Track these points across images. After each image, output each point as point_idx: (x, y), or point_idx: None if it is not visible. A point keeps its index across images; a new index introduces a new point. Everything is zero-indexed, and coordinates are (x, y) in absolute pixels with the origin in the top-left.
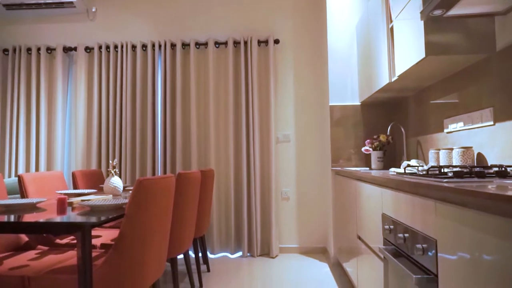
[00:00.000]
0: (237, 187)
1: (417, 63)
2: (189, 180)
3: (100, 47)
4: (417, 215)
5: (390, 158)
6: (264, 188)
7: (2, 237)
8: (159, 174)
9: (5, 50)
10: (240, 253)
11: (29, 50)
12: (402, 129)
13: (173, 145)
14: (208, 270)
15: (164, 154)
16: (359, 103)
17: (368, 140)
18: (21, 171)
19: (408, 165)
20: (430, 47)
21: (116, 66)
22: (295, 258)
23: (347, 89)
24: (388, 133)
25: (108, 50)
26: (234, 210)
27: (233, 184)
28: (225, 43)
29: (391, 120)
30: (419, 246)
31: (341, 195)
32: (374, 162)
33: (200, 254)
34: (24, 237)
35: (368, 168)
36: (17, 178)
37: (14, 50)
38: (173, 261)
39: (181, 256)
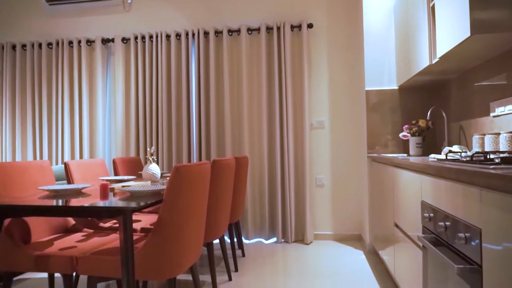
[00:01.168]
0: (271, 174)
1: (460, 43)
2: (224, 167)
3: (136, 38)
4: (459, 203)
5: (430, 144)
6: (298, 175)
7: (53, 220)
8: (195, 161)
9: (49, 44)
10: (274, 239)
11: (70, 43)
12: (443, 114)
13: (207, 132)
14: (243, 255)
15: (199, 142)
16: (397, 87)
17: (406, 126)
18: (66, 158)
19: (450, 151)
20: (475, 25)
21: (152, 56)
22: (329, 245)
23: (383, 73)
24: (428, 118)
25: (143, 40)
26: (268, 197)
27: (267, 171)
28: (258, 29)
29: (431, 105)
30: (461, 235)
31: (377, 182)
32: (412, 148)
33: (235, 240)
34: (71, 220)
35: (406, 155)
36: (63, 166)
37: (57, 43)
38: (209, 245)
39: (216, 241)
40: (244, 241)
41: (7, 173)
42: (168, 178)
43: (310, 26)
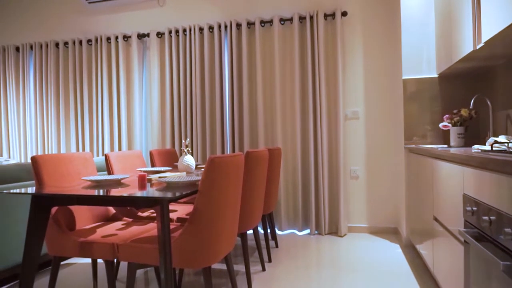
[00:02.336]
0: (304, 166)
1: (509, 26)
2: (257, 158)
3: (170, 32)
4: (506, 196)
5: (473, 135)
6: (332, 167)
7: (95, 209)
8: (228, 153)
9: (89, 41)
10: (307, 231)
11: (108, 39)
12: (489, 102)
13: (240, 124)
14: (277, 246)
15: (232, 133)
16: (437, 75)
17: (447, 115)
18: (106, 150)
19: (496, 142)
20: None
21: (185, 49)
22: (364, 238)
23: (422, 61)
24: (471, 107)
25: (177, 34)
26: (301, 188)
27: (300, 162)
28: (291, 19)
29: (474, 93)
30: (508, 230)
31: (415, 174)
32: (453, 139)
33: (268, 231)
34: (112, 210)
35: (446, 146)
36: (104, 157)
37: (96, 40)
38: (243, 236)
39: (250, 232)
40: (277, 232)
41: (54, 164)
42: (202, 169)
43: (344, 14)
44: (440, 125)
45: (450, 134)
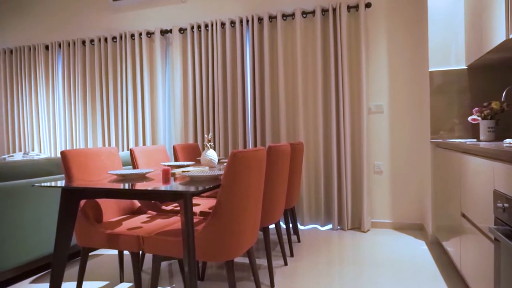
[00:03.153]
0: (326, 160)
1: None
2: (279, 153)
3: (192, 28)
4: None
5: (505, 128)
6: (355, 161)
7: (121, 202)
8: (250, 147)
9: (114, 38)
10: (330, 226)
11: (132, 36)
12: None
13: (262, 119)
14: (299, 241)
15: (254, 128)
16: (465, 67)
17: (476, 109)
18: (131, 145)
19: None
20: None
21: (207, 45)
22: (388, 234)
23: (450, 53)
24: (502, 99)
25: (199, 29)
26: (324, 183)
27: (323, 157)
28: (313, 12)
29: (506, 85)
30: None
31: (441, 169)
32: (483, 133)
33: (290, 225)
34: (137, 203)
35: (475, 140)
36: (129, 152)
37: (121, 37)
38: (265, 230)
39: (272, 226)
40: (299, 227)
41: (82, 158)
42: (224, 163)
43: (368, 5)
44: (469, 118)
45: (480, 127)
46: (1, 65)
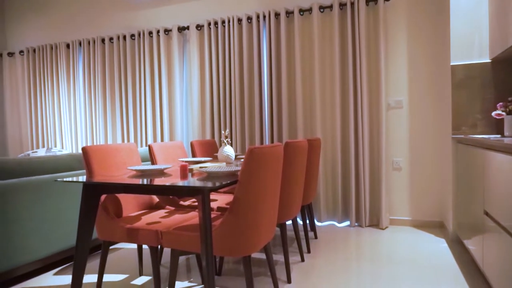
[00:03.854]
0: (344, 156)
1: None
2: (296, 149)
3: (209, 24)
4: None
5: None
6: (374, 158)
7: (139, 197)
8: (267, 143)
9: (132, 35)
10: (347, 223)
11: (150, 33)
12: None
13: (279, 115)
14: (316, 237)
15: (271, 124)
16: (489, 60)
17: (500, 103)
18: (149, 141)
19: None
20: None
21: (224, 41)
22: (407, 231)
23: (473, 46)
24: None
25: (216, 26)
26: (341, 179)
27: (340, 153)
28: (330, 7)
29: None
30: None
31: (463, 165)
32: (508, 128)
33: (307, 221)
34: (156, 198)
35: (499, 136)
36: (147, 148)
37: (139, 34)
38: (282, 226)
39: (289, 222)
40: (316, 223)
41: (102, 154)
42: (241, 159)
43: None
44: (493, 113)
45: (504, 123)
46: (25, 64)
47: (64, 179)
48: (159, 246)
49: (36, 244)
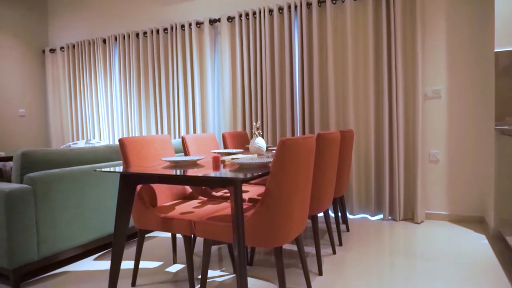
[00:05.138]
0: (378, 148)
1: None
2: (329, 141)
3: (240, 16)
4: None
5: None
6: (409, 149)
7: (173, 188)
8: (298, 135)
9: (165, 29)
10: (380, 216)
11: (182, 26)
12: None
13: (311, 106)
14: (348, 230)
15: (302, 115)
16: None
17: None
18: (182, 132)
19: None
20: None
21: (255, 32)
22: (444, 226)
23: None
24: None
25: (247, 17)
26: (374, 172)
27: (374, 144)
28: None
29: None
30: None
31: (507, 158)
32: None
33: (339, 214)
34: (188, 189)
35: None
36: (180, 139)
37: (171, 28)
38: (314, 218)
39: (321, 215)
40: (349, 216)
41: (138, 146)
42: (273, 151)
43: None
44: None
45: None
46: (65, 59)
47: (103, 169)
48: (192, 235)
49: (78, 231)
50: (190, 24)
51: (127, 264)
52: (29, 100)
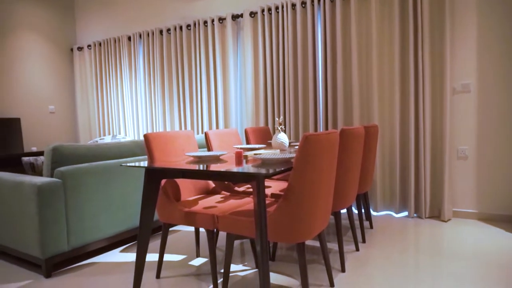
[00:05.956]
0: (403, 144)
1: None
2: (353, 136)
3: (262, 11)
4: None
5: None
6: (436, 145)
7: (197, 182)
8: (321, 130)
9: (188, 26)
10: (405, 213)
11: (205, 22)
12: None
13: (334, 101)
14: (371, 227)
15: (325, 111)
16: None
17: None
18: (205, 128)
19: None
20: None
21: (278, 27)
22: (472, 224)
23: None
24: None
25: (270, 12)
26: (399, 168)
27: (399, 140)
28: None
29: None
30: None
31: None
32: None
33: (363, 211)
34: (211, 184)
35: None
36: (203, 135)
37: (194, 24)
38: (336, 214)
39: (344, 211)
40: (372, 213)
41: (162, 141)
42: (295, 146)
43: None
44: None
45: None
46: (92, 57)
47: (128, 164)
48: (215, 230)
49: (104, 223)
50: (212, 20)
51: (152, 257)
52: (59, 97)
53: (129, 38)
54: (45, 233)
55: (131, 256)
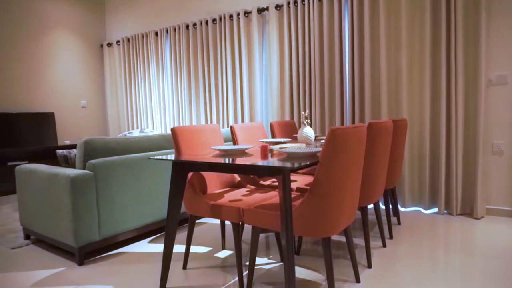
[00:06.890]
0: (433, 138)
1: None
2: (380, 130)
3: (288, 3)
4: None
5: None
6: (469, 140)
7: (222, 176)
8: (347, 124)
9: (214, 20)
10: (435, 210)
11: (231, 16)
12: None
13: (361, 94)
14: (399, 223)
15: (352, 104)
16: None
17: None
18: (231, 122)
19: None
20: None
21: (304, 20)
22: (507, 223)
23: None
24: None
25: (296, 5)
26: (429, 163)
27: (429, 134)
28: None
29: None
30: None
31: None
32: None
33: (390, 206)
34: (237, 177)
35: None
36: (229, 129)
37: (220, 18)
38: (363, 209)
39: (371, 206)
40: (400, 208)
41: (189, 134)
42: (321, 141)
43: None
44: None
45: None
46: (121, 53)
47: (156, 157)
48: (240, 223)
49: (133, 215)
50: (238, 14)
51: (178, 248)
52: (90, 92)
53: (156, 34)
54: (78, 223)
55: (159, 247)
